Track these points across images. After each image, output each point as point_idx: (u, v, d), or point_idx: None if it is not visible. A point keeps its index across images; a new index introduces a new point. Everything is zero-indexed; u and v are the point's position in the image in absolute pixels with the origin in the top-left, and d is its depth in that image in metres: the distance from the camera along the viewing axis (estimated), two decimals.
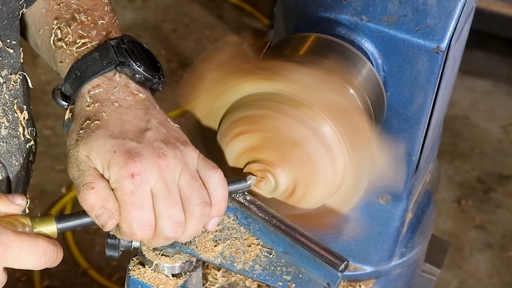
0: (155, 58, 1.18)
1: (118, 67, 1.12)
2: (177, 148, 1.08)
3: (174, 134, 1.10)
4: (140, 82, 1.14)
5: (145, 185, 1.04)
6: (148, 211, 1.04)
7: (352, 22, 1.34)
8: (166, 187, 1.05)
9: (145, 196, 1.04)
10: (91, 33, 1.16)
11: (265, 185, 1.19)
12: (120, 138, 1.06)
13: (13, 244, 0.98)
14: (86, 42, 1.15)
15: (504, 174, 3.23)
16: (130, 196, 1.03)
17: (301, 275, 1.13)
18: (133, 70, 1.13)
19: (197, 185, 1.07)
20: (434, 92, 1.37)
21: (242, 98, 1.21)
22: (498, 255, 2.94)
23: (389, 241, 1.53)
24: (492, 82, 3.61)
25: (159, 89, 1.18)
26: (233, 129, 1.20)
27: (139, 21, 3.68)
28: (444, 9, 1.31)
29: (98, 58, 1.12)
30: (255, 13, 3.77)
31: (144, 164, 1.04)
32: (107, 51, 1.13)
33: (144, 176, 1.04)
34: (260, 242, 1.15)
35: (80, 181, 1.04)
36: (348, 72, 1.31)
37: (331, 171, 1.19)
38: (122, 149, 1.05)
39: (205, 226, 1.09)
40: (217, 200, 1.08)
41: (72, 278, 2.58)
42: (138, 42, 1.17)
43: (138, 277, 1.16)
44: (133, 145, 1.05)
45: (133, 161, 1.04)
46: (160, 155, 1.05)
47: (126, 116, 1.09)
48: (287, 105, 1.17)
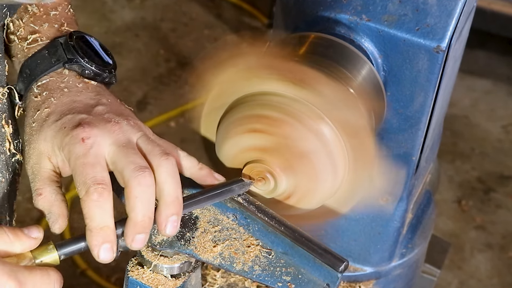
0: (107, 51, 1.18)
1: (66, 64, 1.12)
2: (130, 119, 1.07)
3: (125, 113, 1.09)
4: (90, 77, 1.13)
5: (97, 147, 1.03)
6: (101, 169, 1.02)
7: (352, 21, 1.34)
8: (121, 146, 1.03)
9: (97, 157, 1.02)
10: (43, 26, 1.15)
11: (264, 185, 1.19)
12: (69, 114, 1.05)
13: (28, 280, 0.98)
14: (37, 38, 1.14)
15: (504, 174, 3.22)
16: (82, 159, 1.02)
17: (301, 276, 1.13)
18: (81, 67, 1.12)
19: (158, 143, 1.05)
20: (434, 91, 1.36)
21: (261, 94, 1.20)
22: (498, 255, 2.94)
23: (389, 241, 1.53)
24: (493, 81, 3.61)
25: (113, 82, 1.17)
26: (248, 123, 1.19)
27: (137, 20, 3.68)
28: (444, 8, 1.31)
29: (47, 55, 1.13)
30: (254, 12, 3.77)
31: (95, 129, 1.03)
32: (56, 48, 1.13)
33: (96, 139, 1.03)
34: (260, 243, 1.15)
35: (32, 186, 1.05)
36: (348, 72, 1.31)
37: (329, 187, 1.20)
38: (71, 122, 1.04)
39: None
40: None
41: (70, 278, 2.57)
42: (88, 37, 1.17)
43: (137, 278, 1.16)
44: (80, 116, 1.05)
45: (82, 127, 1.03)
46: (112, 123, 1.05)
47: (76, 97, 1.08)
48: (308, 116, 1.17)
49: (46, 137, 1.06)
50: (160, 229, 1.08)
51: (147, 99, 3.23)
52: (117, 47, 3.49)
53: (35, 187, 1.06)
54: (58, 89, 1.10)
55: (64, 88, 1.10)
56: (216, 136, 1.25)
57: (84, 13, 3.62)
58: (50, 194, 1.05)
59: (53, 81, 1.11)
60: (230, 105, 1.23)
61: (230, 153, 1.22)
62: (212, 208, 1.18)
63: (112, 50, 1.20)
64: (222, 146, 1.22)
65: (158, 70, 3.44)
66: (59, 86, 1.10)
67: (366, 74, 1.33)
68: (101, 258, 1.04)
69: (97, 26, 3.58)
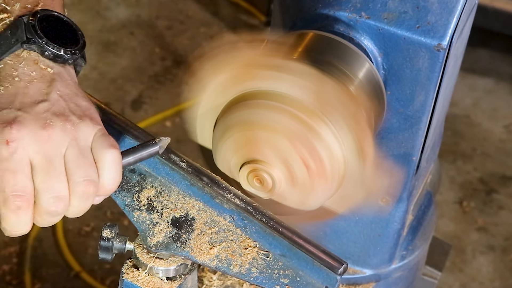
0: (77, 31, 1.14)
1: (24, 45, 1.09)
2: (69, 121, 1.04)
3: (74, 107, 1.06)
4: (50, 58, 1.10)
5: (21, 152, 1.01)
6: (23, 178, 1.01)
7: (351, 19, 1.33)
8: (46, 160, 1.01)
9: (21, 163, 1.01)
10: (14, 6, 1.12)
11: (262, 186, 1.19)
12: (7, 108, 1.03)
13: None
14: (4, 17, 1.11)
15: (507, 175, 3.22)
16: (4, 163, 1.00)
17: (299, 278, 1.12)
18: (40, 47, 1.09)
19: (84, 162, 1.03)
20: (435, 90, 1.36)
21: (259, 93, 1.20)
22: (501, 258, 2.93)
23: (389, 243, 1.53)
24: (495, 80, 3.60)
25: (81, 64, 1.14)
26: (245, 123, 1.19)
27: (133, 18, 3.68)
28: (445, 5, 1.31)
29: (9, 36, 1.10)
30: (251, 9, 3.77)
31: (23, 131, 1.01)
32: (17, 28, 1.10)
33: (20, 143, 1.01)
34: (257, 245, 1.15)
35: None
36: (347, 70, 1.30)
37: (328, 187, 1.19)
38: (4, 118, 1.02)
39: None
40: (105, 182, 1.05)
41: (64, 281, 2.57)
42: (56, 15, 1.13)
43: (132, 281, 1.15)
44: (16, 113, 1.02)
45: (9, 128, 1.01)
46: (44, 126, 1.02)
47: (24, 89, 1.05)
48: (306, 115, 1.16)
49: None
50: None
51: (142, 98, 3.23)
52: (111, 45, 3.49)
53: None
54: (10, 77, 1.07)
55: (16, 77, 1.07)
56: (213, 137, 1.24)
57: (78, 11, 3.62)
58: None
59: (8, 65, 1.08)
60: (226, 105, 1.23)
61: (226, 153, 1.21)
62: (209, 209, 1.17)
63: (107, 48, 1.18)
64: (219, 147, 1.22)
65: (153, 68, 3.44)
66: (12, 73, 1.07)
67: (365, 72, 1.33)
68: None
69: (91, 23, 3.58)
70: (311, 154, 1.16)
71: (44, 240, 2.73)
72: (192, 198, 1.18)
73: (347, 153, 1.18)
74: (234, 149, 1.19)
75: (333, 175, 1.18)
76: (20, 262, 2.67)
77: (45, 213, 1.03)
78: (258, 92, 1.18)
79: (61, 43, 1.11)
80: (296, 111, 1.16)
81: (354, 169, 1.20)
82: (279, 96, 1.17)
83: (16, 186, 1.00)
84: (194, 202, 1.18)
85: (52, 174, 1.01)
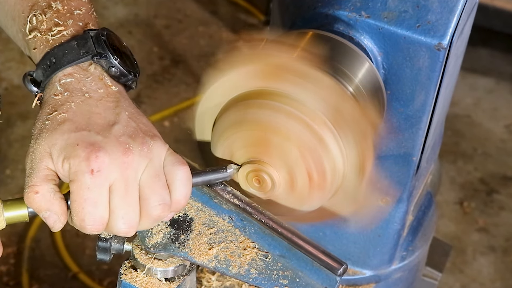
0: (132, 56, 1.18)
1: (95, 58, 1.12)
2: (145, 143, 1.07)
3: (143, 127, 1.09)
4: (115, 76, 1.13)
5: (104, 182, 1.04)
6: (102, 209, 1.05)
7: (351, 18, 1.33)
8: (125, 186, 1.05)
9: (102, 194, 1.04)
10: (67, 22, 1.15)
11: (261, 187, 1.18)
12: (85, 130, 1.06)
13: None
14: (61, 30, 1.14)
15: (508, 175, 3.22)
16: (86, 192, 1.03)
17: (298, 279, 1.12)
18: (109, 63, 1.12)
19: (159, 185, 1.07)
20: (435, 90, 1.35)
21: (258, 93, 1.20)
22: (501, 258, 2.93)
23: (389, 244, 1.53)
24: (496, 80, 3.61)
25: (133, 87, 1.17)
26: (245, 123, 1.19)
27: (131, 17, 3.68)
28: (445, 4, 1.30)
29: (75, 46, 1.12)
30: (250, 8, 3.78)
31: (107, 161, 1.04)
32: (86, 40, 1.12)
33: (104, 173, 1.04)
34: (256, 245, 1.15)
35: (28, 181, 1.05)
36: (347, 70, 1.30)
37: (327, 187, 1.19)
38: (85, 142, 1.04)
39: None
40: (177, 198, 1.08)
41: (62, 282, 2.58)
42: (117, 37, 1.17)
43: (130, 282, 1.15)
44: (98, 138, 1.05)
45: (95, 156, 1.03)
46: (125, 152, 1.05)
47: (95, 109, 1.08)
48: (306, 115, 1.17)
49: (56, 143, 1.05)
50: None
51: (140, 98, 3.24)
52: None
53: (31, 183, 1.05)
54: (79, 92, 1.09)
55: (85, 92, 1.09)
56: (212, 136, 1.24)
57: None
58: (48, 192, 1.04)
59: (77, 79, 1.10)
60: (225, 104, 1.22)
61: (225, 153, 1.21)
62: (208, 209, 1.17)
63: None
64: (218, 146, 1.21)
65: (151, 68, 3.44)
66: (81, 88, 1.10)
67: (365, 72, 1.32)
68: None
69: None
70: (317, 166, 1.17)
71: (41, 241, 2.73)
72: (190, 198, 1.18)
73: (348, 168, 1.19)
74: (243, 145, 1.19)
75: (331, 188, 1.19)
76: (17, 263, 2.67)
77: (113, 232, 1.07)
78: (279, 94, 1.18)
79: (124, 62, 1.14)
80: (311, 122, 1.16)
81: (350, 184, 1.21)
82: (298, 103, 1.17)
83: (96, 218, 1.05)
84: (193, 203, 1.18)
85: (128, 202, 1.05)
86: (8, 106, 3.20)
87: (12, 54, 3.11)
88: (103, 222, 1.05)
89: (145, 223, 1.07)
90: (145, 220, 1.07)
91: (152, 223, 1.08)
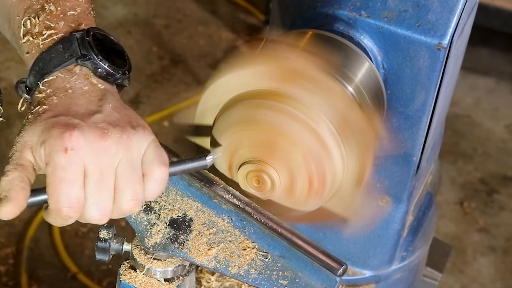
0: (124, 52, 1.17)
1: (79, 60, 1.11)
2: (125, 131, 1.06)
3: (127, 118, 1.08)
4: (101, 76, 1.12)
5: (79, 162, 1.02)
6: (77, 189, 1.03)
7: (351, 17, 1.33)
8: (100, 171, 1.03)
9: (77, 173, 1.03)
10: (59, 24, 1.14)
11: (260, 187, 1.18)
12: (63, 115, 1.05)
13: None
14: (52, 33, 1.13)
15: (508, 175, 3.22)
16: (61, 171, 1.02)
17: (298, 280, 1.12)
18: (94, 64, 1.11)
19: (134, 178, 1.05)
20: (435, 90, 1.35)
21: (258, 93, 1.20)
22: (502, 259, 2.93)
23: (389, 244, 1.53)
24: (496, 80, 3.60)
25: (125, 84, 1.16)
26: (244, 122, 1.19)
27: (130, 16, 3.68)
28: (446, 4, 1.30)
29: (61, 50, 1.11)
30: (250, 8, 3.78)
31: (81, 141, 1.03)
32: (71, 43, 1.12)
33: (78, 152, 1.02)
34: (256, 246, 1.14)
35: (5, 168, 1.04)
36: (347, 70, 1.29)
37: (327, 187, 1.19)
38: (61, 124, 1.04)
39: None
40: (148, 196, 1.08)
41: (61, 282, 2.57)
42: (106, 35, 1.16)
43: (129, 282, 1.15)
44: (75, 121, 1.04)
45: (69, 134, 1.02)
46: (102, 135, 1.04)
47: (77, 100, 1.07)
48: (306, 115, 1.17)
49: (36, 130, 1.05)
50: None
51: (139, 98, 3.23)
52: None
53: (6, 169, 1.04)
54: (63, 89, 1.09)
55: (69, 89, 1.09)
56: (211, 136, 1.23)
57: None
58: (16, 179, 1.03)
59: (61, 78, 1.10)
60: (225, 104, 1.22)
61: (237, 141, 1.20)
62: (207, 210, 1.17)
63: None
64: (222, 138, 1.21)
65: (151, 67, 3.44)
66: (65, 86, 1.09)
67: (365, 72, 1.32)
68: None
69: None
70: (319, 174, 1.17)
71: (40, 241, 2.72)
72: (190, 198, 1.18)
73: (346, 177, 1.20)
74: (248, 143, 1.19)
75: (328, 195, 1.20)
76: (16, 263, 2.67)
77: (86, 221, 1.06)
78: (290, 97, 1.18)
79: (111, 62, 1.13)
80: (319, 131, 1.16)
81: (346, 192, 1.21)
82: (308, 110, 1.17)
83: (71, 198, 1.03)
84: (192, 203, 1.18)
85: (102, 189, 1.04)
86: (8, 106, 3.18)
87: (11, 53, 3.11)
88: (79, 205, 1.03)
89: (115, 214, 1.06)
90: (115, 213, 1.06)
91: (121, 216, 1.07)
